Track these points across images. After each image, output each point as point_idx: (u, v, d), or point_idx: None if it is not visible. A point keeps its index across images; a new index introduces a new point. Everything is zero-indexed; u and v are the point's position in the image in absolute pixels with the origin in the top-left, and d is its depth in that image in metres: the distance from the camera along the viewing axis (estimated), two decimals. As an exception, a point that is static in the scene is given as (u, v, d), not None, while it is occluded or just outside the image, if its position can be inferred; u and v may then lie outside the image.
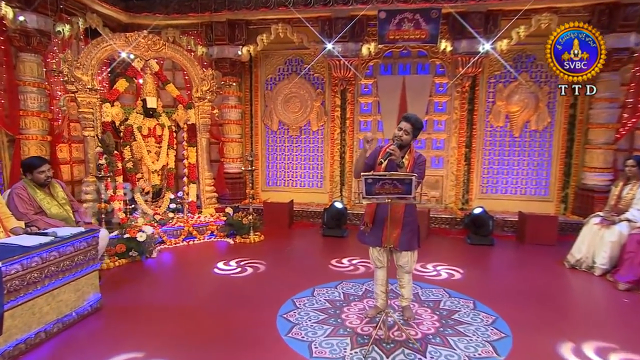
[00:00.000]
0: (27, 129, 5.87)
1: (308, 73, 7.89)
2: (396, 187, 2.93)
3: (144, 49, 6.33)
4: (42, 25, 5.79)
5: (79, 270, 3.64)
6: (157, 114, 6.50)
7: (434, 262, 5.37)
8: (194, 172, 6.90)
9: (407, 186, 2.93)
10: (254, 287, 4.36)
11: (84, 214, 4.42)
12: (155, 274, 4.93)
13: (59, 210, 4.15)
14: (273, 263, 5.26)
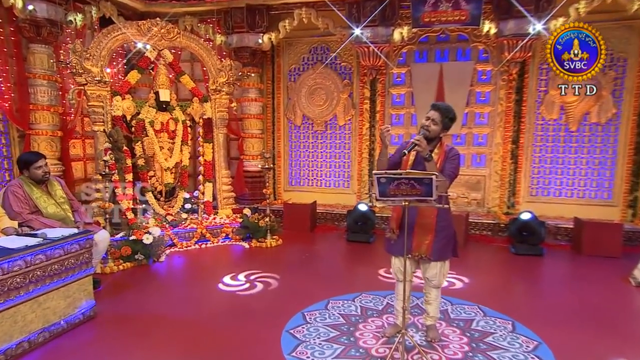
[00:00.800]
0: (37, 123, 5.97)
1: (334, 62, 7.66)
2: (414, 187, 2.70)
3: (157, 38, 6.30)
4: (53, 15, 5.86)
5: (70, 275, 3.57)
6: (170, 108, 6.46)
7: (469, 274, 5.00)
8: (209, 170, 6.83)
9: (426, 187, 2.68)
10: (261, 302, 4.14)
11: (83, 214, 4.40)
12: (160, 280, 4.85)
13: (56, 209, 4.12)
14: (287, 271, 5.07)
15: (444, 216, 3.07)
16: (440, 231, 3.05)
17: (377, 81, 7.40)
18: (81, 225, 4.21)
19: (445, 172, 2.95)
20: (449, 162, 3.00)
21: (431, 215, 3.04)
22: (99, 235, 4.37)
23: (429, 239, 3.05)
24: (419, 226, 3.03)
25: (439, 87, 7.15)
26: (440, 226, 3.05)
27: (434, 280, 3.22)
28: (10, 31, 5.77)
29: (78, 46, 5.71)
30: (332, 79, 7.64)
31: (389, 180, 2.72)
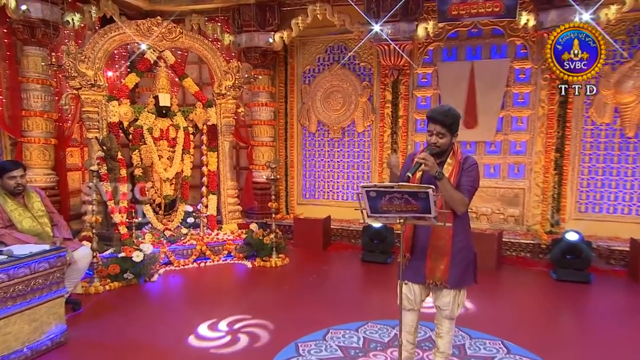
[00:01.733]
0: (29, 130, 6.06)
1: (352, 62, 7.50)
2: (408, 202, 2.52)
3: (158, 38, 6.30)
4: (48, 15, 5.95)
5: (37, 296, 3.48)
6: (171, 114, 6.43)
7: (497, 302, 4.64)
8: (214, 181, 6.75)
9: (422, 202, 2.49)
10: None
11: (64, 228, 4.34)
12: (148, 303, 4.74)
13: (32, 223, 4.08)
14: (288, 294, 4.87)
15: (462, 236, 2.85)
16: (457, 254, 2.84)
17: (400, 83, 7.17)
18: (59, 241, 4.14)
19: (463, 187, 2.76)
20: (466, 175, 2.79)
21: (446, 236, 2.82)
22: (80, 252, 4.29)
23: (445, 263, 2.84)
24: (433, 248, 2.83)
25: (470, 88, 6.85)
26: (458, 248, 2.85)
27: (447, 310, 2.98)
28: (3, 33, 5.90)
29: (72, 48, 5.75)
30: (350, 81, 7.47)
31: (379, 194, 2.54)
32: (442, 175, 2.68)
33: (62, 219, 4.45)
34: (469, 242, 2.90)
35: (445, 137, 2.77)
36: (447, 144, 2.79)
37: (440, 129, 2.77)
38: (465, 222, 2.87)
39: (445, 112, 2.80)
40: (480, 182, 2.85)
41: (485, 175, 6.95)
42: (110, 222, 5.77)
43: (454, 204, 2.67)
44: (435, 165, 2.68)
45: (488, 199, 7.00)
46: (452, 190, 2.67)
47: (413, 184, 2.63)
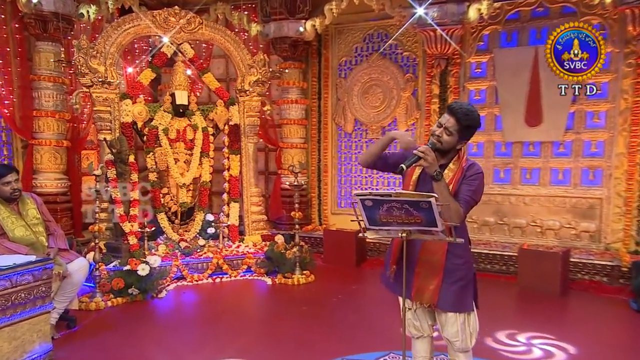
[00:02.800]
0: (40, 132, 6.30)
1: (393, 51, 7.33)
2: (410, 214, 2.47)
3: (175, 30, 6.39)
4: (61, 8, 6.17)
5: (19, 312, 3.53)
6: (189, 113, 6.50)
7: (561, 336, 4.29)
8: (236, 187, 6.75)
9: (426, 213, 2.42)
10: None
11: (60, 238, 4.42)
12: (150, 323, 4.75)
13: (26, 232, 4.18)
14: (306, 317, 4.76)
15: (458, 252, 2.75)
16: (452, 272, 2.75)
17: (449, 74, 6.93)
18: (53, 252, 4.23)
19: (461, 197, 2.66)
20: (467, 184, 2.70)
21: (440, 251, 2.74)
22: (75, 265, 4.35)
23: (436, 282, 2.74)
24: (423, 264, 2.75)
25: (533, 78, 6.48)
26: (453, 265, 2.76)
27: (457, 342, 2.81)
28: (15, 28, 6.19)
29: (84, 42, 5.92)
30: (392, 73, 7.29)
31: (376, 203, 2.49)
32: (440, 176, 2.58)
33: (59, 228, 4.54)
34: (467, 259, 2.80)
35: (452, 136, 2.67)
36: (451, 144, 2.69)
37: (453, 124, 2.67)
38: (465, 237, 2.74)
39: (468, 110, 2.71)
40: (481, 195, 2.72)
41: (552, 182, 6.59)
42: (119, 232, 5.88)
43: (448, 214, 2.52)
44: (435, 163, 2.58)
45: (556, 211, 6.56)
46: (449, 196, 2.55)
47: (413, 192, 2.57)
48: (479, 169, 2.73)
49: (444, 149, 2.69)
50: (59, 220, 6.26)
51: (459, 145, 2.71)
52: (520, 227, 6.77)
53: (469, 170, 2.71)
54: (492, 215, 6.90)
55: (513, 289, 5.79)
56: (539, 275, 5.63)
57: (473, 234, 6.91)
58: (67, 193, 6.51)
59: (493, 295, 5.40)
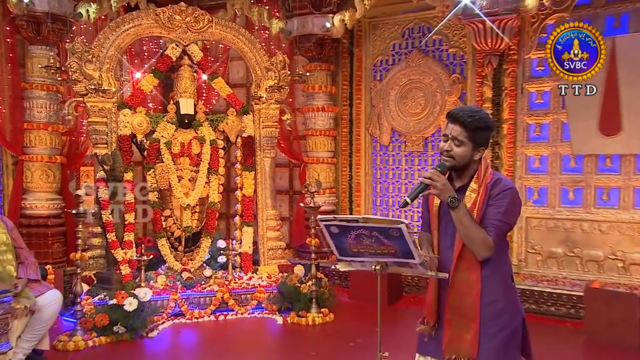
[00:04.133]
0: (32, 146, 6.48)
1: (437, 48, 7.20)
2: (381, 242, 2.52)
3: (181, 29, 6.47)
4: (55, 7, 6.34)
5: (-33, 353, 3.58)
6: (195, 124, 6.53)
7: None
8: (250, 208, 6.71)
9: (398, 242, 2.47)
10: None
11: (31, 267, 4.47)
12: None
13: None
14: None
15: (497, 293, 2.65)
16: (493, 319, 2.64)
17: (504, 73, 6.69)
18: (22, 283, 4.27)
19: (488, 223, 2.56)
20: (493, 205, 2.58)
21: (471, 292, 2.64)
22: (46, 298, 4.38)
23: (472, 331, 2.64)
24: (453, 310, 2.66)
25: (610, 77, 6.13)
26: (491, 310, 2.64)
27: None
28: (6, 31, 6.42)
29: (78, 45, 6.06)
30: (435, 74, 7.14)
31: (343, 230, 2.55)
32: (456, 203, 2.51)
33: (31, 256, 4.59)
34: (510, 301, 2.69)
35: (464, 145, 2.60)
36: (465, 156, 2.61)
37: (458, 132, 2.59)
38: (503, 271, 2.67)
39: (471, 110, 2.64)
40: (517, 216, 2.66)
41: (636, 205, 6.15)
42: (111, 260, 5.92)
43: (473, 246, 2.50)
44: (447, 188, 2.53)
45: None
46: (471, 225, 2.49)
47: (381, 218, 2.72)
48: (508, 184, 2.63)
49: (460, 166, 2.62)
50: (50, 247, 6.45)
51: (476, 155, 2.63)
52: (596, 261, 6.33)
53: (495, 187, 2.60)
54: (559, 246, 6.51)
55: (580, 338, 5.41)
56: (612, 322, 5.22)
57: (537, 268, 6.61)
58: (60, 215, 6.65)
59: (554, 345, 5.14)
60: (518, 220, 4.38)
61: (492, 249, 2.51)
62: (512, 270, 2.74)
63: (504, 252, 2.66)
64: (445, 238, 2.63)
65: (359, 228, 2.52)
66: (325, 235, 2.63)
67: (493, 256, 2.55)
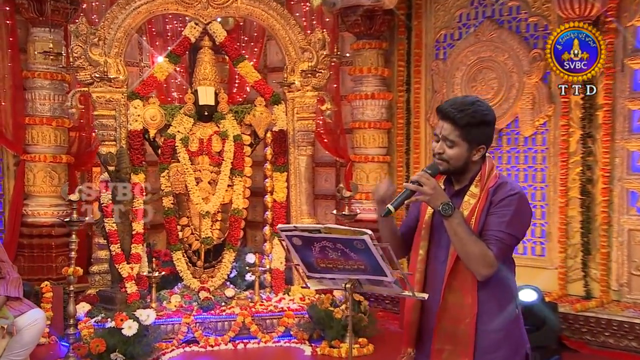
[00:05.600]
0: (34, 144, 6.83)
1: (513, 17, 7.11)
2: (348, 256, 2.58)
3: (200, 6, 6.60)
4: (60, -17, 6.67)
5: None
6: (217, 116, 6.64)
7: None
8: (282, 216, 6.77)
9: (366, 256, 2.52)
10: None
11: (12, 283, 4.69)
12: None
13: (-34, 276, 4.51)
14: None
15: (496, 320, 2.65)
16: (488, 352, 2.66)
17: None
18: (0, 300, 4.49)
19: (489, 234, 2.58)
20: (497, 213, 2.60)
21: (466, 316, 2.63)
22: (26, 319, 4.59)
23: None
24: (443, 338, 2.68)
25: None
26: (488, 341, 2.65)
27: None
28: (5, 12, 6.77)
29: (82, 27, 6.30)
30: (511, 50, 7.04)
31: (306, 241, 2.62)
32: (450, 211, 2.53)
33: (14, 271, 4.82)
34: (512, 331, 2.70)
35: (457, 146, 2.62)
36: (459, 159, 2.64)
37: (449, 130, 2.62)
38: (505, 295, 2.69)
39: (462, 103, 2.67)
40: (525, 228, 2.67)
41: None
42: (116, 277, 6.11)
43: (470, 262, 2.51)
44: (438, 193, 2.57)
45: None
46: (468, 237, 2.49)
47: (344, 228, 2.59)
48: (514, 188, 2.64)
49: (456, 169, 2.66)
50: (53, 260, 6.72)
51: (475, 155, 2.63)
52: None
53: (497, 192, 2.61)
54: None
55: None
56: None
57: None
58: (67, 224, 6.94)
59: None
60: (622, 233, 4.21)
61: (493, 266, 2.51)
62: (518, 294, 2.76)
63: (508, 270, 2.66)
64: (439, 251, 2.65)
65: (321, 239, 2.58)
66: (289, 248, 2.70)
67: (494, 275, 2.55)
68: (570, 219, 6.71)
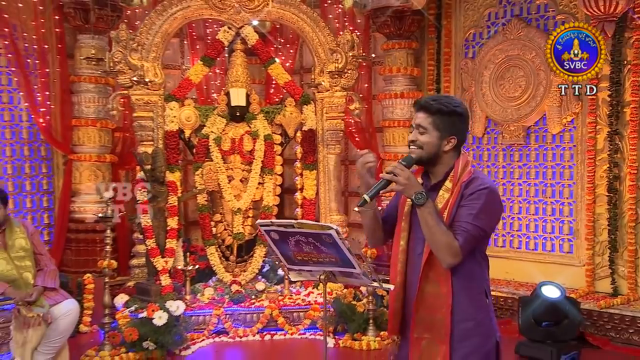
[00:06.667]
0: (80, 145, 7.23)
1: (541, 15, 7.16)
2: (319, 250, 2.72)
3: (232, 10, 6.84)
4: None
5: (-34, 361, 4.15)
6: (249, 116, 6.88)
7: None
8: (311, 213, 6.96)
9: (335, 250, 2.67)
10: None
11: (50, 275, 5.02)
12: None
13: (7, 267, 4.82)
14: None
15: (468, 311, 2.74)
16: (464, 339, 2.74)
17: (626, 43, 6.54)
18: (36, 292, 4.80)
19: (457, 225, 2.66)
20: (466, 206, 2.68)
21: (442, 306, 2.72)
22: (61, 308, 4.88)
23: (442, 353, 2.73)
24: (420, 324, 2.76)
25: None
26: (464, 329, 2.74)
27: None
28: (55, 20, 7.18)
29: (123, 33, 6.62)
30: (538, 48, 7.00)
31: (283, 236, 2.76)
32: (422, 200, 2.60)
33: (52, 263, 5.16)
34: (482, 320, 2.77)
35: (428, 133, 2.71)
36: (431, 145, 2.72)
37: (422, 118, 2.72)
38: (475, 286, 2.76)
39: (436, 95, 3.15)
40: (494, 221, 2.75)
41: None
42: (151, 270, 6.42)
43: (437, 251, 2.59)
44: (412, 183, 2.62)
45: None
46: (436, 226, 2.57)
47: (313, 223, 2.85)
48: (485, 182, 2.70)
49: (429, 157, 2.72)
50: (98, 254, 7.07)
51: (446, 145, 2.71)
52: None
53: (469, 186, 2.68)
54: None
55: None
56: None
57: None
58: (109, 220, 7.30)
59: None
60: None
61: (457, 256, 2.58)
62: (489, 286, 2.81)
63: (478, 264, 2.73)
64: (417, 244, 2.72)
65: (295, 234, 2.70)
66: (269, 242, 2.83)
67: (465, 268, 2.64)
68: (598, 216, 6.70)
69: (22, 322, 4.67)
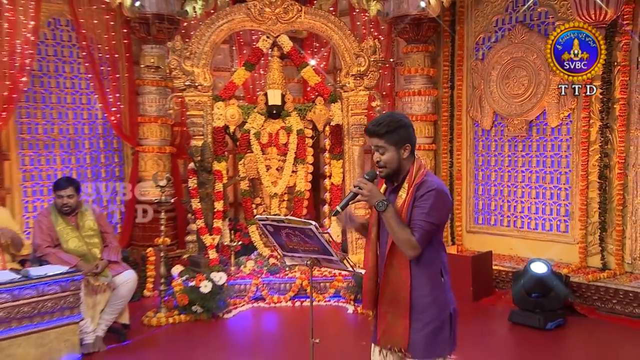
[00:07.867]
0: (145, 138, 7.75)
1: (542, 22, 7.15)
2: (305, 241, 3.01)
3: (270, 22, 7.22)
4: (163, 8, 7.42)
5: (46, 320, 4.68)
6: (284, 114, 7.28)
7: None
8: (338, 196, 7.27)
9: (316, 241, 2.97)
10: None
11: (113, 250, 5.58)
12: (206, 346, 5.58)
13: (79, 243, 5.40)
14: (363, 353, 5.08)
15: (424, 289, 2.93)
16: (422, 312, 2.94)
17: (616, 47, 6.54)
18: (102, 264, 5.35)
19: (413, 223, 2.86)
20: (418, 206, 2.86)
21: (403, 285, 2.93)
22: (122, 277, 5.43)
23: (403, 324, 2.94)
24: (387, 302, 2.98)
25: None
26: (422, 304, 2.94)
27: None
28: (124, 33, 7.74)
29: (178, 43, 7.11)
30: (539, 50, 7.02)
31: (276, 229, 3.09)
32: (383, 207, 2.81)
33: (115, 241, 5.72)
34: (439, 296, 2.95)
35: (387, 152, 2.88)
36: (393, 160, 2.89)
37: (377, 141, 2.90)
38: (431, 268, 2.93)
39: (378, 118, 2.99)
40: (444, 216, 2.90)
41: None
42: (201, 245, 6.95)
43: (400, 245, 2.80)
44: (374, 194, 2.84)
45: None
46: (397, 226, 2.77)
47: (297, 219, 3.08)
48: (433, 184, 2.86)
49: (394, 170, 2.91)
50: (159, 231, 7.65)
51: (404, 154, 2.89)
52: None
53: (420, 188, 2.85)
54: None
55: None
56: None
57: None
58: (169, 202, 7.87)
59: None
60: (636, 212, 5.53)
61: (416, 249, 2.79)
62: (446, 266, 2.97)
63: (435, 250, 2.91)
64: (384, 236, 2.93)
65: (285, 227, 3.02)
66: (266, 232, 3.16)
67: (424, 254, 2.83)
68: (590, 200, 6.78)
69: (91, 289, 5.24)
